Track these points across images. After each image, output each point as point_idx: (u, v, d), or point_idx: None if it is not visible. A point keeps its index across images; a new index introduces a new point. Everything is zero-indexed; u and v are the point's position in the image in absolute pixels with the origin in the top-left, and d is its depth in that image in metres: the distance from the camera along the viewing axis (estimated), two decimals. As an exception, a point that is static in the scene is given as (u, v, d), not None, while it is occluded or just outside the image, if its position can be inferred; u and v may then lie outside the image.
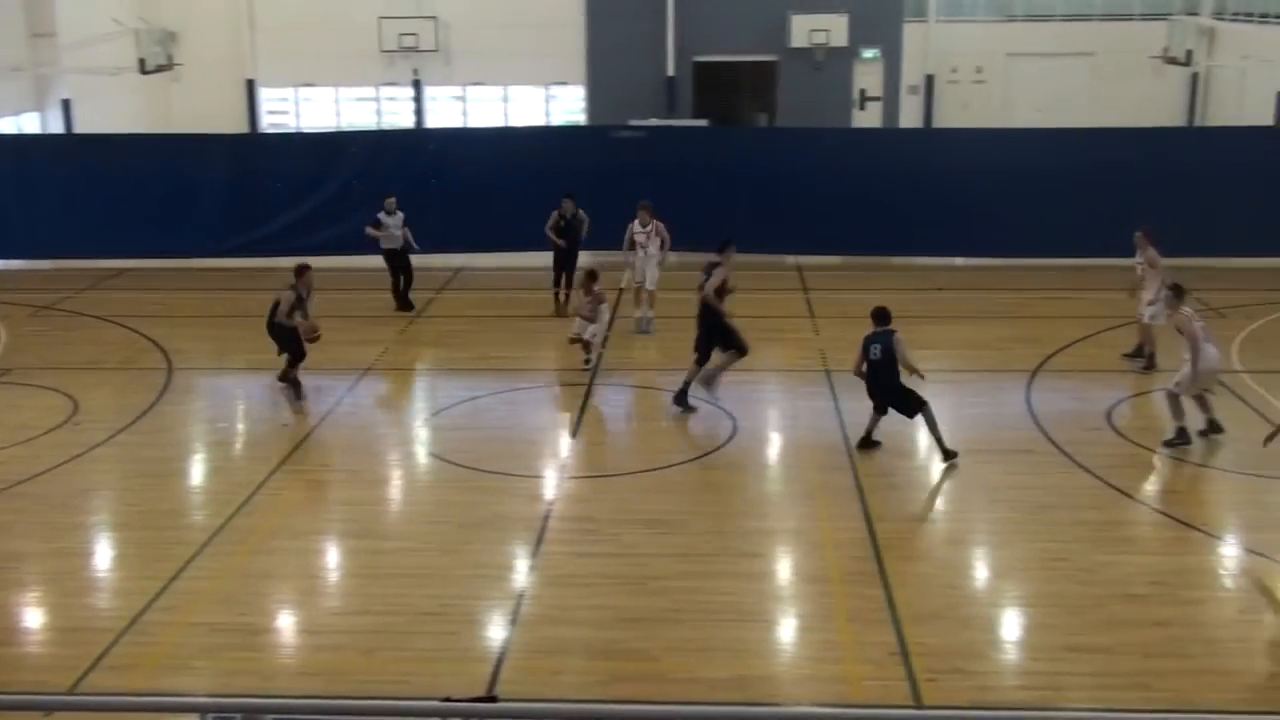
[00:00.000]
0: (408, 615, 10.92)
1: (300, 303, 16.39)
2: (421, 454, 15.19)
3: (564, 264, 20.97)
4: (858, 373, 14.43)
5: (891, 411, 14.35)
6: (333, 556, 12.46)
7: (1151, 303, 16.93)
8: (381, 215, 20.64)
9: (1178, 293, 14.89)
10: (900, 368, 14.13)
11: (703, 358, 15.82)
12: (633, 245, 19.64)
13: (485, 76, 37.66)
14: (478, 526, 12.71)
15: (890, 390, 14.22)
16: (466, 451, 14.76)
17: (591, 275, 17.69)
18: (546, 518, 12.95)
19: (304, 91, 38.29)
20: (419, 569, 11.80)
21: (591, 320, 17.58)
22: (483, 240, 23.83)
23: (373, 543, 12.50)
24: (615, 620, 10.81)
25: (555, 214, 20.81)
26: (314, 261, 17.31)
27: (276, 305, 16.31)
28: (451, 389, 17.33)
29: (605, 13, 36.52)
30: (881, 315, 14.39)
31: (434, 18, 36.75)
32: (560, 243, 20.82)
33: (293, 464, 14.46)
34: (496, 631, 10.72)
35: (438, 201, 23.72)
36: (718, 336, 15.81)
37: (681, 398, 15.80)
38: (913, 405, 14.10)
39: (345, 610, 11.19)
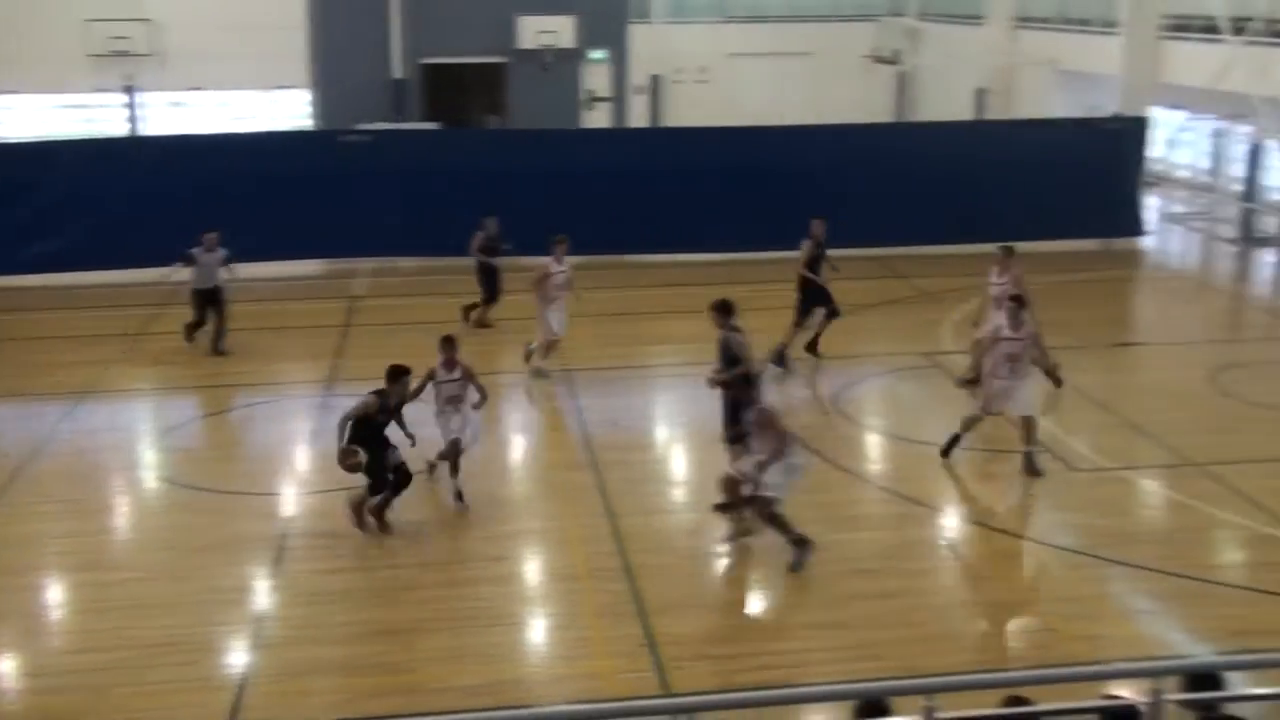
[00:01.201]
0: (139, 648, 10.41)
1: (385, 412, 12.53)
2: (148, 478, 14.53)
3: (493, 284, 19.96)
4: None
5: (628, 410, 14.55)
6: (54, 593, 11.77)
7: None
8: (196, 251, 18.31)
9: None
10: None
11: None
12: (544, 286, 17.17)
13: (204, 81, 36.20)
14: (212, 549, 12.24)
15: None
16: (197, 473, 14.21)
17: (449, 341, 13.62)
18: (287, 535, 12.60)
19: (3, 100, 35.99)
20: (149, 599, 11.27)
21: (456, 407, 13.19)
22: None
23: (97, 575, 11.87)
24: (364, 635, 10.61)
25: (480, 235, 19.76)
26: (26, 280, 16.29)
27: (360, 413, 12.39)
28: (180, 408, 16.65)
29: (328, 15, 35.77)
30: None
31: (147, 20, 35.18)
32: (492, 262, 19.77)
33: (4, 500, 13.58)
34: (238, 657, 10.36)
35: (158, 212, 22.77)
36: None
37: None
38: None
39: (71, 649, 10.59)
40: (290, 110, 37.08)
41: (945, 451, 13.99)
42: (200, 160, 23.59)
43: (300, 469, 14.50)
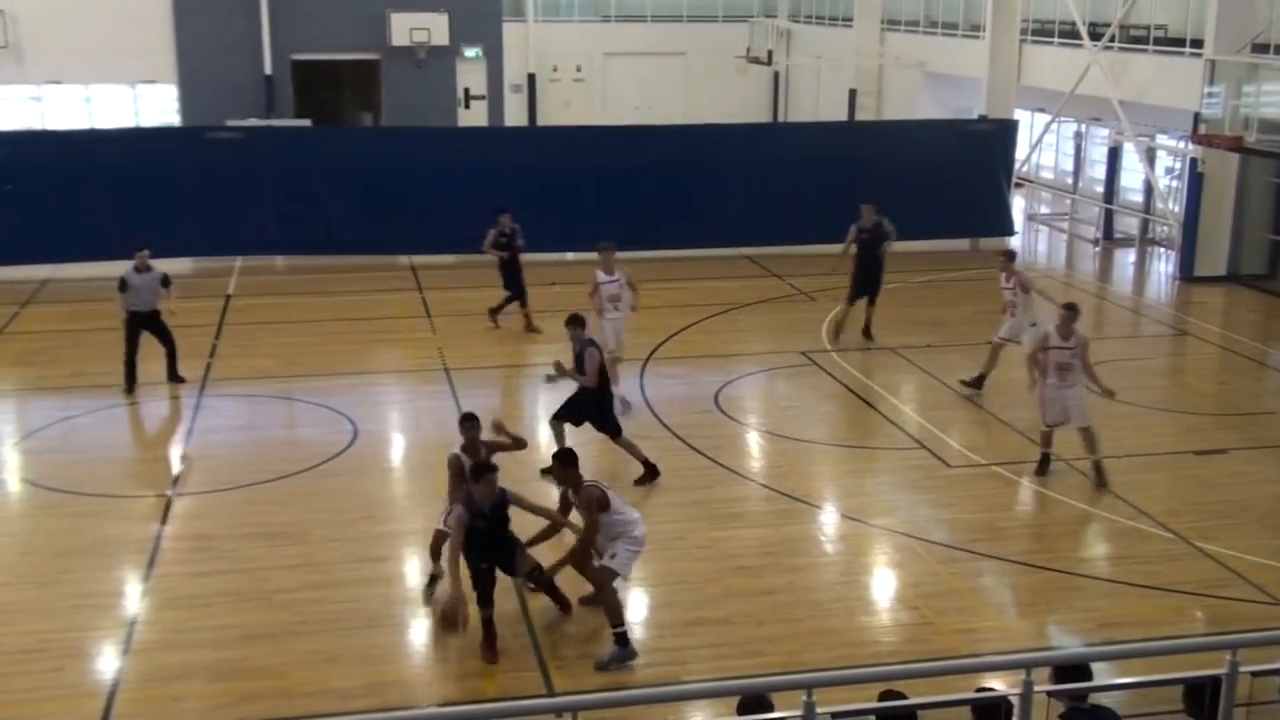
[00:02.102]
0: (1, 655, 10.07)
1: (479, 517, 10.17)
2: (11, 481, 14.04)
3: (513, 280, 19.39)
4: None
5: (515, 409, 14.49)
6: (-88, 601, 11.34)
7: (1034, 324, 16.12)
8: (128, 272, 16.43)
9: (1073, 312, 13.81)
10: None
11: None
12: (595, 299, 16.14)
13: (64, 75, 35.11)
14: (80, 554, 11.90)
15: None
16: (63, 475, 13.78)
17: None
18: (158, 538, 12.28)
19: None
20: (12, 605, 10.92)
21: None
22: (70, 250, 22.30)
23: (-42, 582, 11.46)
24: (238, 639, 10.40)
25: (493, 231, 19.15)
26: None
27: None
28: (43, 410, 16.12)
29: (194, 8, 35.00)
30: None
31: (1, 11, 33.98)
32: (502, 255, 19.18)
33: None
34: (107, 663, 10.08)
35: (15, 211, 22.09)
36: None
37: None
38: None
39: (-70, 658, 10.21)
40: (157, 106, 36.16)
41: (1040, 470, 13.90)
42: (62, 156, 22.90)
43: (173, 470, 14.15)
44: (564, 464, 10.51)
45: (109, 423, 15.71)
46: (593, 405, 13.77)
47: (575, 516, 10.65)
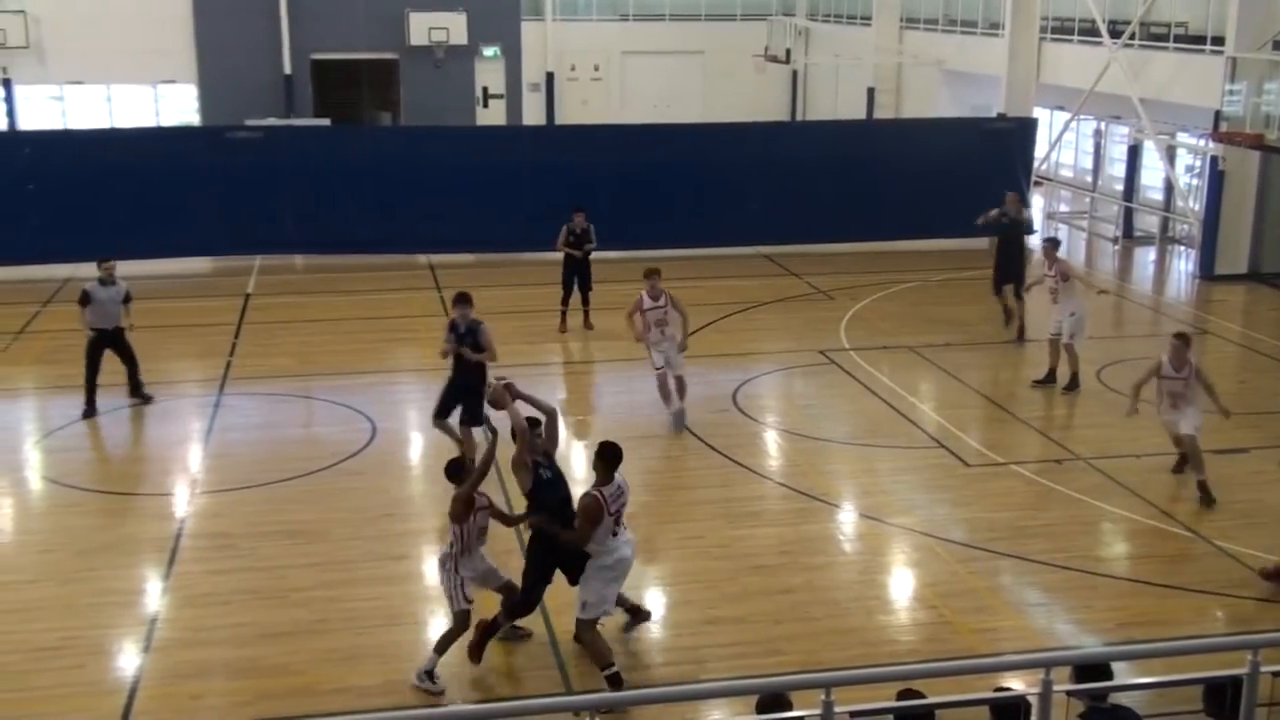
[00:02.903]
0: (24, 653, 10.14)
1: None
2: (33, 479, 14.12)
3: (576, 280, 19.37)
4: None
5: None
6: (-66, 599, 11.41)
7: (1073, 314, 16.50)
8: (92, 286, 15.58)
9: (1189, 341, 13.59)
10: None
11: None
12: (635, 323, 15.36)
13: (85, 75, 35.34)
14: (102, 551, 11.97)
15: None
16: (85, 473, 13.87)
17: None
18: (179, 536, 12.35)
19: None
20: (35, 602, 10.99)
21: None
22: (90, 249, 22.30)
23: (-20, 579, 11.53)
24: (257, 637, 10.45)
25: (564, 229, 19.22)
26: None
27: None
28: (65, 408, 16.17)
29: (214, 8, 35.16)
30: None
31: (22, 11, 34.16)
32: (576, 253, 19.24)
33: (-118, 500, 13.14)
34: (128, 660, 10.13)
35: (37, 209, 22.20)
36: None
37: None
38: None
39: (-48, 655, 10.28)
40: (177, 106, 36.34)
41: (1179, 469, 13.80)
42: (84, 156, 23.01)
43: (192, 469, 14.21)
44: (600, 457, 9.99)
45: (129, 421, 15.78)
46: (463, 389, 13.60)
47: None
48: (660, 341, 15.27)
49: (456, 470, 10.05)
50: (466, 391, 13.66)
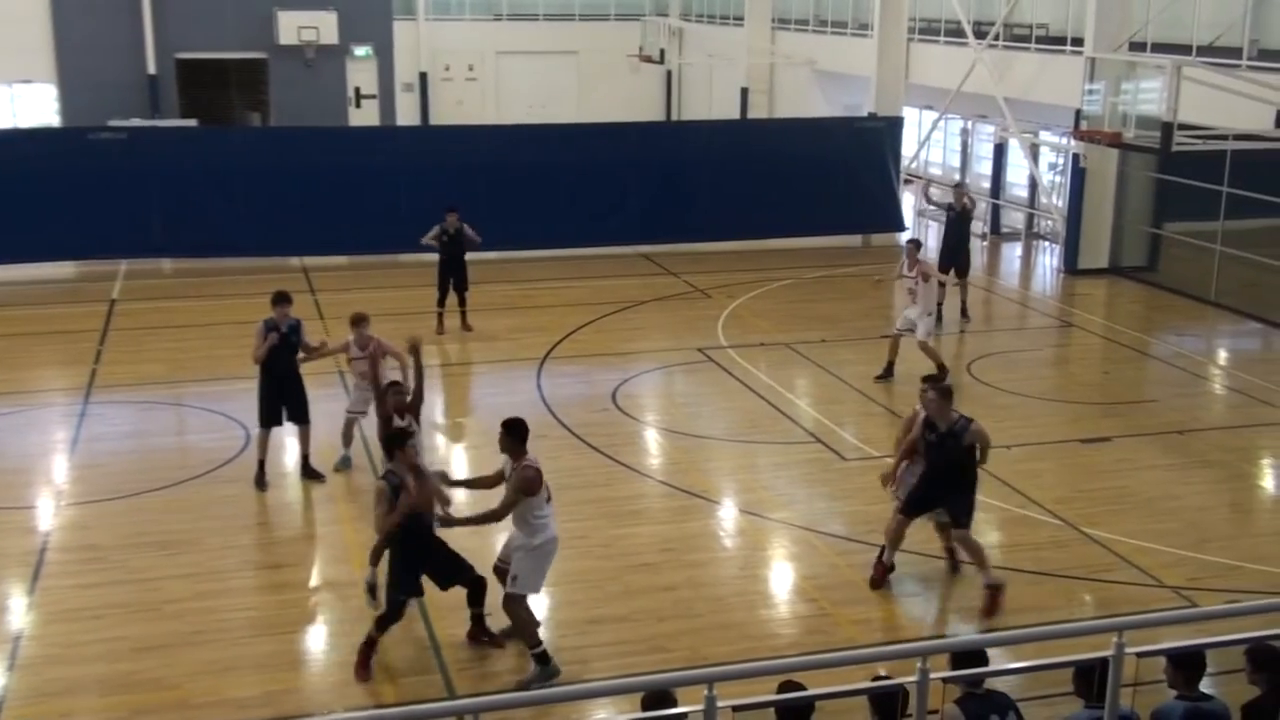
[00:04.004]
0: (-118, 676, 9.77)
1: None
2: (-112, 495, 13.58)
3: (452, 281, 19.09)
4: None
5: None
6: None
7: (930, 314, 16.95)
8: None
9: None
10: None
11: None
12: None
13: (-64, 74, 34.14)
14: (-38, 569, 11.56)
15: None
16: (-57, 488, 13.36)
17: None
18: (43, 550, 11.97)
19: None
20: (-107, 623, 10.58)
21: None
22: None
23: None
24: (130, 651, 10.18)
25: (438, 228, 18.81)
26: None
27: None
28: (-81, 420, 15.61)
29: (73, 5, 34.18)
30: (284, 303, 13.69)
31: None
32: (438, 251, 18.95)
33: None
34: (-8, 680, 9.81)
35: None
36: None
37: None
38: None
39: None
40: (35, 106, 35.22)
41: None
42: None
43: (57, 480, 13.79)
44: (509, 433, 9.97)
45: (-10, 432, 15.27)
46: (285, 391, 13.46)
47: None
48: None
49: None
50: (287, 392, 13.49)
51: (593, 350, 18.56)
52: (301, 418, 13.65)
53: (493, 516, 9.87)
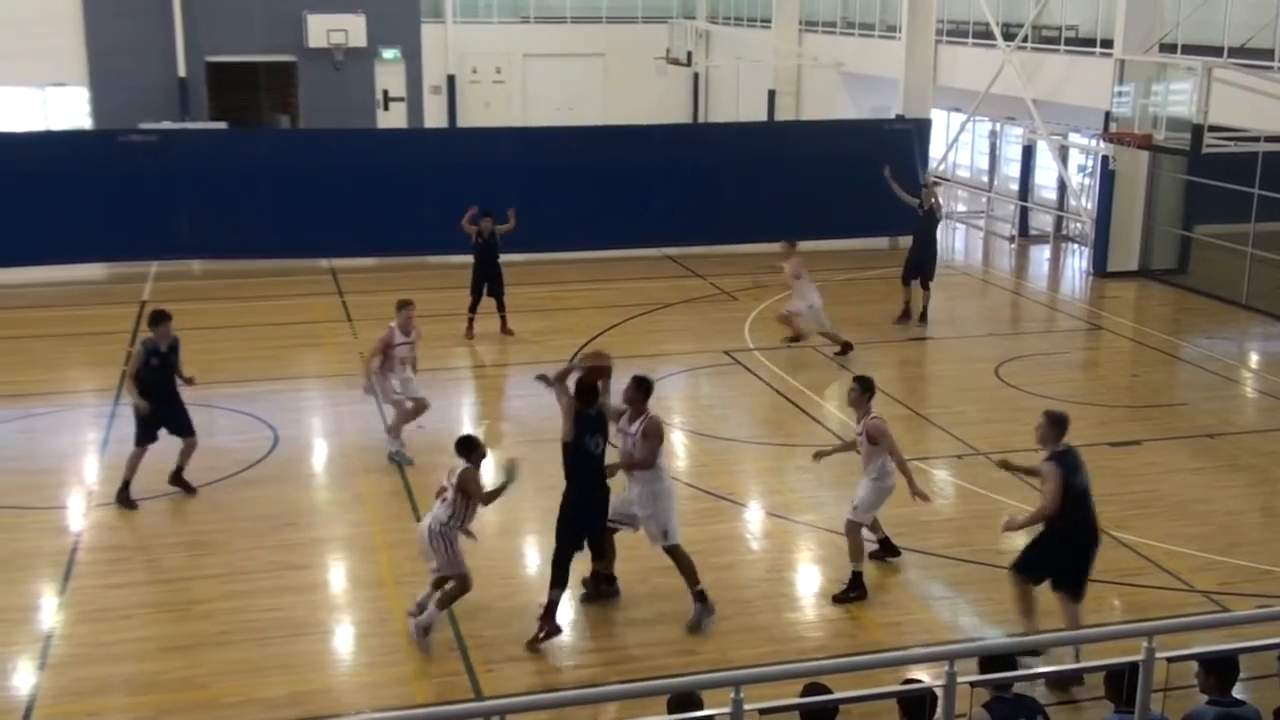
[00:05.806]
0: (-85, 674, 9.85)
1: None
2: (-79, 494, 13.70)
3: (487, 285, 19.09)
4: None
5: (433, 412, 14.34)
6: None
7: (811, 306, 18.00)
8: None
9: (868, 387, 11.52)
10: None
11: None
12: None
13: (-30, 77, 34.41)
14: (-6, 567, 11.65)
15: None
16: (-25, 487, 13.46)
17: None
18: (74, 550, 12.05)
19: None
20: (-74, 621, 10.67)
21: None
22: (-22, 256, 21.86)
23: None
24: (158, 651, 10.23)
25: (475, 229, 18.94)
26: None
27: None
28: (-48, 421, 15.74)
29: (105, 9, 34.41)
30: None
31: (-98, 11, 33.19)
32: (475, 236, 19.03)
33: None
34: (22, 679, 9.86)
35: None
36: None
37: None
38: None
39: None
40: (67, 109, 35.49)
41: None
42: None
43: (88, 481, 13.88)
44: (638, 388, 10.71)
45: (24, 433, 15.39)
46: (164, 412, 13.14)
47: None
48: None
49: (470, 446, 10.55)
50: (164, 411, 13.07)
51: (619, 352, 18.46)
52: (185, 430, 13.24)
53: (642, 464, 10.65)
